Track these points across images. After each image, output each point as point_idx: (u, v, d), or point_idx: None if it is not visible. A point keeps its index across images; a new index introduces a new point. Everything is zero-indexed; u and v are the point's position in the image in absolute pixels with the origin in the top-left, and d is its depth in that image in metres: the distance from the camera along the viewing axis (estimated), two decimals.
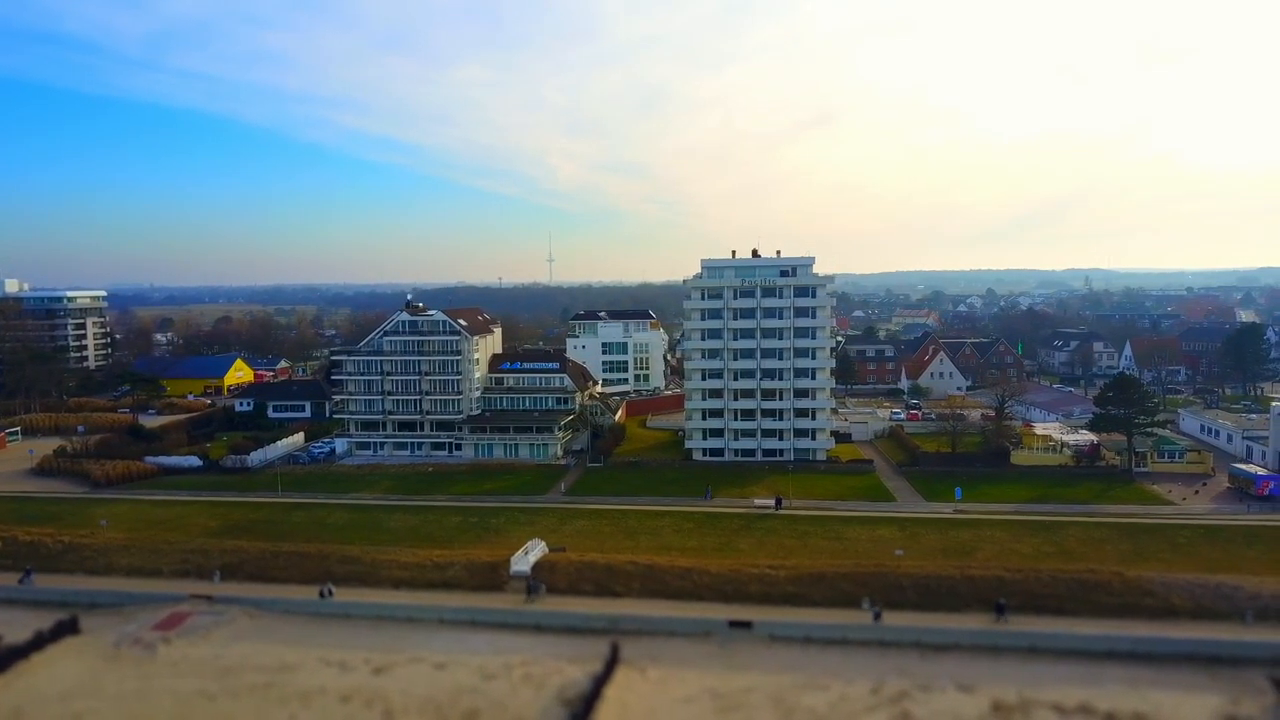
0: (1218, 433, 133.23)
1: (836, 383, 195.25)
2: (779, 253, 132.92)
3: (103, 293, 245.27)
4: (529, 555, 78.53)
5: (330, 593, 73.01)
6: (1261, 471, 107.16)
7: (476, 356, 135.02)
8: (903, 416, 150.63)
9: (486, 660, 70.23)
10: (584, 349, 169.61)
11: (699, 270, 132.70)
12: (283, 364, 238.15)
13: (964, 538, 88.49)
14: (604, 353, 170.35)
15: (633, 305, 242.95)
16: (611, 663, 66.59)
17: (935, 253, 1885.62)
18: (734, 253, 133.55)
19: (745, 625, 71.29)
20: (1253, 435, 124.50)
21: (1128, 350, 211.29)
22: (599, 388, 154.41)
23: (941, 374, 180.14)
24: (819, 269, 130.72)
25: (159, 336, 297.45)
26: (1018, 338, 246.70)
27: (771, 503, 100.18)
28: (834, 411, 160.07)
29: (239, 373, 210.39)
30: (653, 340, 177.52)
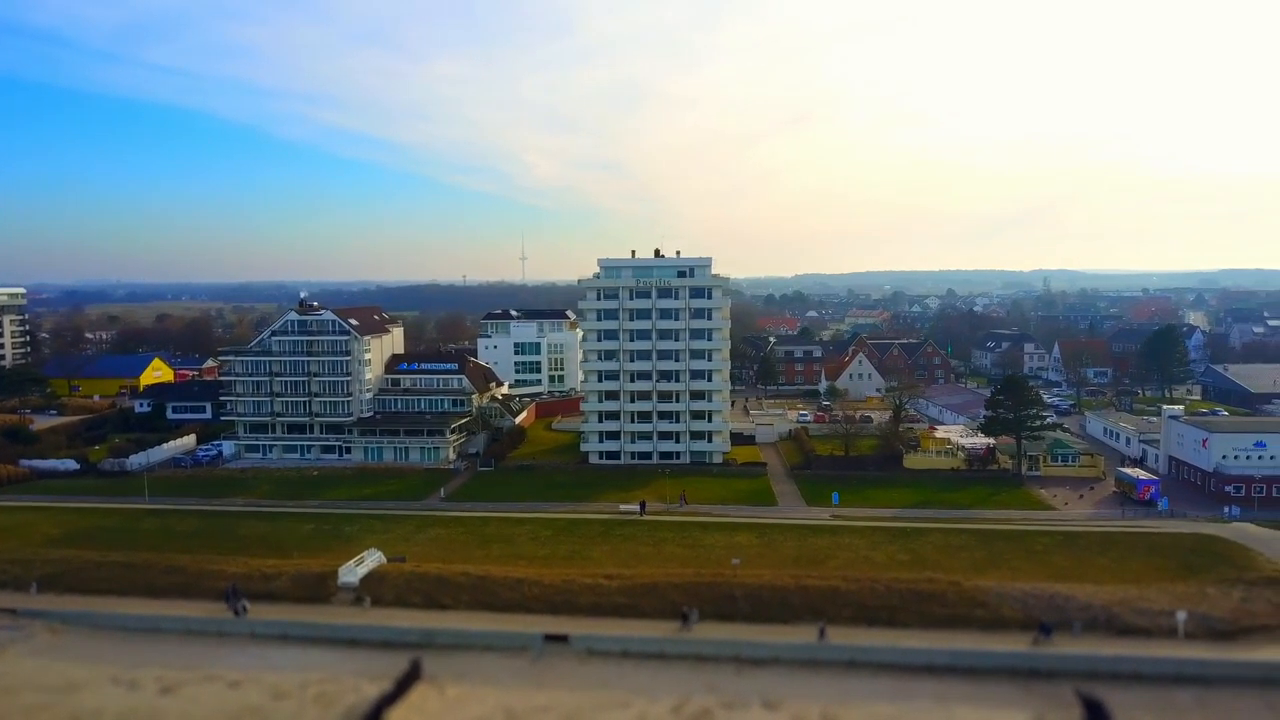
0: (1118, 435, 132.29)
1: (761, 383, 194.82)
2: (679, 253, 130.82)
3: (21, 290, 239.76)
4: (359, 567, 75.69)
5: (245, 609, 69.63)
6: (1143, 476, 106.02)
7: (368, 357, 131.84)
8: (809, 418, 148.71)
9: (284, 678, 67.49)
10: (496, 349, 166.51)
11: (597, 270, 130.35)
12: (209, 363, 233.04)
13: (820, 545, 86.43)
14: (516, 353, 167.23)
15: None
16: (408, 680, 64.36)
17: (907, 253, 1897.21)
18: (634, 252, 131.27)
19: (562, 639, 68.91)
20: (1148, 439, 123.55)
21: (1057, 352, 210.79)
22: (505, 389, 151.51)
23: (860, 375, 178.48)
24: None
25: (90, 335, 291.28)
26: (953, 339, 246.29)
27: (636, 508, 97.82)
28: (746, 413, 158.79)
29: (157, 372, 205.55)
30: (568, 340, 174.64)
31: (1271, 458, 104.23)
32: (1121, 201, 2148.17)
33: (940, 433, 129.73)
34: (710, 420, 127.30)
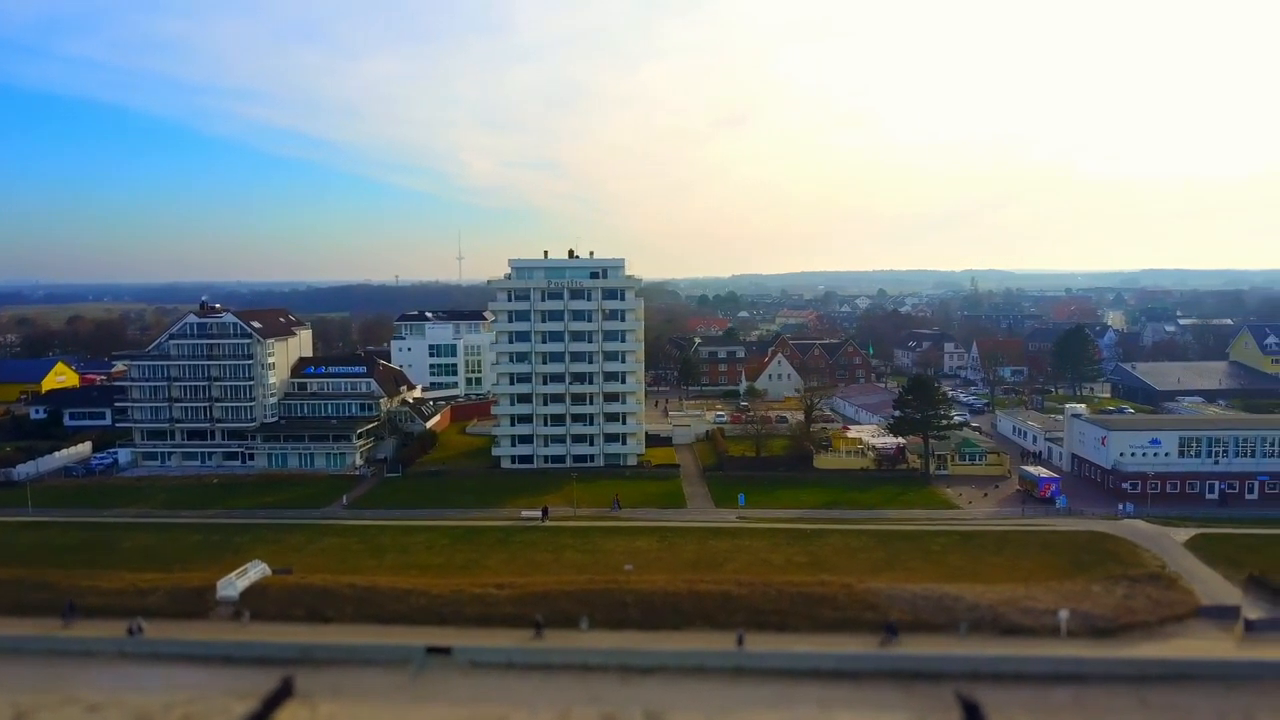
0: (1025, 434, 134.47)
1: (683, 384, 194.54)
2: (592, 254, 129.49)
3: None
4: (239, 580, 72.86)
5: (140, 629, 66.01)
6: (1044, 474, 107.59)
7: (272, 360, 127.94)
8: (726, 419, 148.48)
9: (149, 699, 64.31)
10: (410, 351, 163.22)
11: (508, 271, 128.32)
12: (118, 367, 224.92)
13: (721, 548, 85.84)
14: (431, 355, 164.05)
15: None
16: (278, 698, 61.85)
17: (842, 254, 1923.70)
18: (546, 253, 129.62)
19: (444, 651, 67.35)
20: (1053, 437, 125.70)
21: (975, 351, 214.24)
22: (418, 392, 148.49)
23: (779, 375, 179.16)
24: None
25: None
26: (877, 338, 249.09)
27: (538, 514, 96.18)
28: (665, 414, 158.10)
29: (60, 377, 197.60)
30: (486, 342, 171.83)
31: (1166, 454, 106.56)
32: (1053, 203, 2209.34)
33: (853, 432, 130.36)
34: (624, 422, 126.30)
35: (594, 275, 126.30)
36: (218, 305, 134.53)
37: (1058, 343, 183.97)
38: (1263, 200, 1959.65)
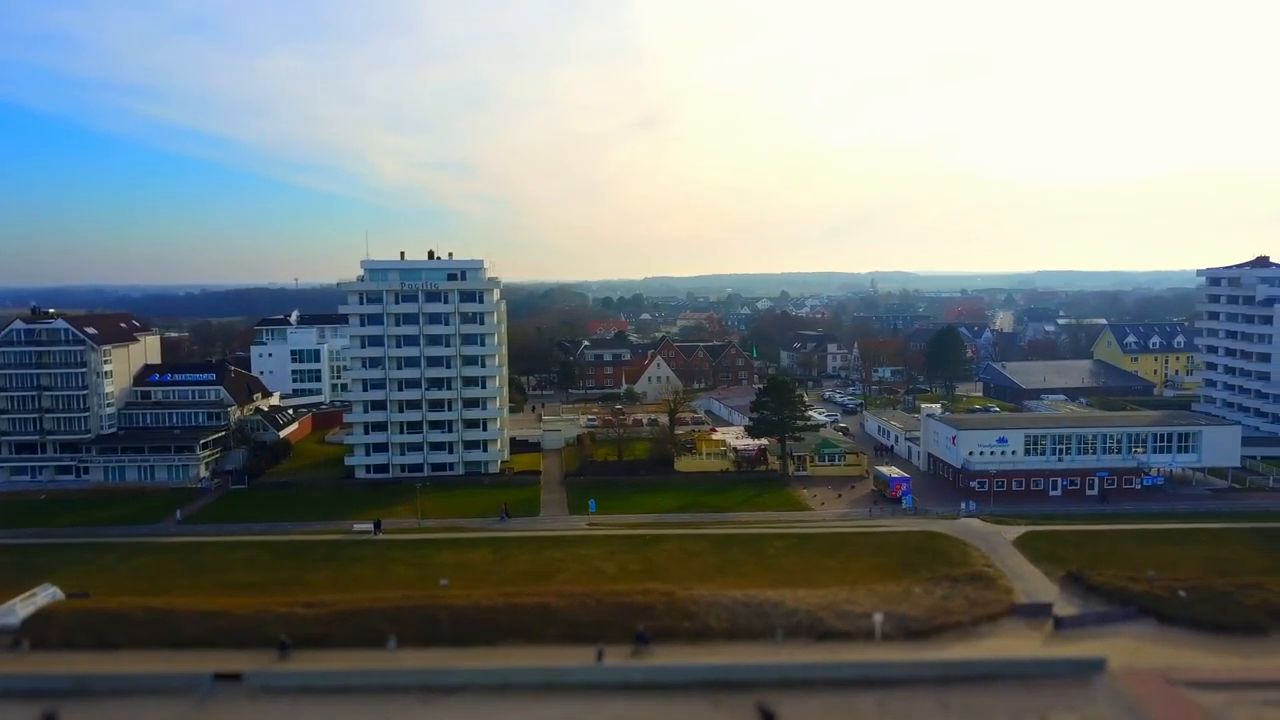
0: (889, 433, 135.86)
1: (565, 387, 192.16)
2: (451, 255, 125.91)
3: None
4: (22, 606, 67.66)
5: None
6: (895, 474, 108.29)
7: (108, 368, 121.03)
8: (597, 422, 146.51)
9: None
10: (270, 357, 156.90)
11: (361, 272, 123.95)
12: None
13: (555, 558, 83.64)
14: (294, 361, 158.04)
15: None
16: None
17: (753, 256, 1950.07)
18: (402, 254, 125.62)
19: (234, 677, 63.43)
20: (913, 436, 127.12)
21: (857, 351, 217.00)
22: (275, 399, 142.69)
23: (659, 378, 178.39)
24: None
25: None
26: (766, 340, 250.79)
27: (370, 527, 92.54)
28: (540, 420, 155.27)
29: None
30: None
31: (1012, 453, 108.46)
32: (958, 206, 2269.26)
33: (718, 434, 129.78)
34: (485, 429, 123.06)
35: (452, 277, 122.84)
36: (50, 310, 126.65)
37: (930, 343, 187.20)
38: (1151, 205, 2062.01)
